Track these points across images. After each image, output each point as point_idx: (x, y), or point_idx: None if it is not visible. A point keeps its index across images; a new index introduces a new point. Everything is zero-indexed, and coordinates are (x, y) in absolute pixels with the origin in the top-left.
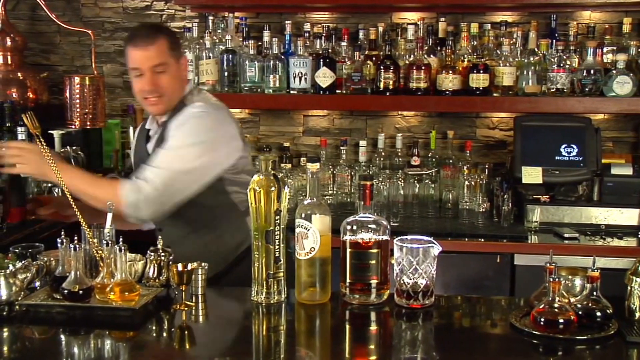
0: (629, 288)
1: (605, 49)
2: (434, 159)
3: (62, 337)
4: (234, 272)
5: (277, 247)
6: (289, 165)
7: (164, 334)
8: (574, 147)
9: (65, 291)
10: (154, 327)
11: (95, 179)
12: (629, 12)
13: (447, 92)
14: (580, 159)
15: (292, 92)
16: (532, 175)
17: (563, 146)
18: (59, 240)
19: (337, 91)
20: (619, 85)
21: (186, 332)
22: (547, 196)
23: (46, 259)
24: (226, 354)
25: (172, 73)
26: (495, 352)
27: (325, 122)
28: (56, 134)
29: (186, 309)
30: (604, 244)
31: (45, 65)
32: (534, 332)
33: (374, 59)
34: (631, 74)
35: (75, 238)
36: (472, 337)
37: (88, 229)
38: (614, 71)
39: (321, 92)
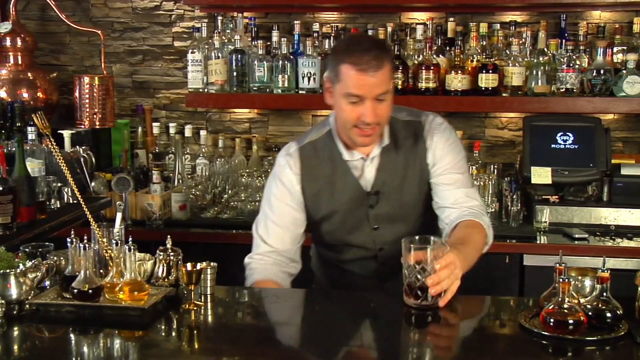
0: (639, 289)
1: (615, 49)
2: None
3: (72, 336)
4: None
5: None
6: None
7: (173, 334)
8: (584, 147)
9: (75, 290)
10: (163, 327)
11: (473, 245)
12: None
13: (456, 92)
14: (590, 159)
15: (300, 92)
16: (541, 175)
17: (572, 146)
18: (68, 240)
19: None
20: (629, 85)
21: (195, 332)
22: (557, 196)
23: (56, 258)
24: (235, 354)
25: (390, 98)
26: (504, 352)
27: None
28: (66, 133)
29: (195, 308)
30: (614, 244)
31: (55, 65)
32: (543, 332)
33: None
34: None
35: (85, 237)
36: (480, 337)
37: (98, 229)
38: (624, 71)
39: None
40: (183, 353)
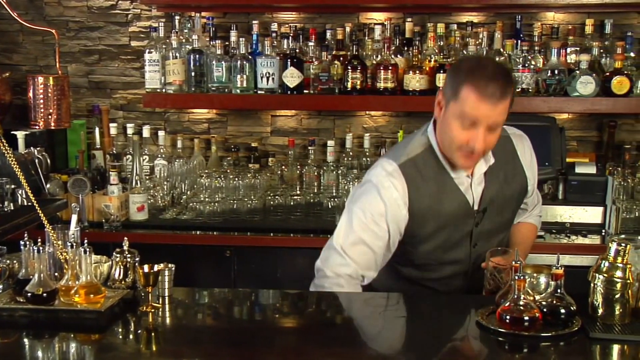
0: (592, 285)
1: (568, 50)
2: None
3: (26, 340)
4: None
5: None
6: (257, 166)
7: (131, 336)
8: (539, 146)
9: (29, 294)
10: (120, 329)
11: (529, 246)
12: (591, 14)
13: (414, 92)
14: (546, 158)
15: (259, 92)
16: None
17: None
18: (22, 243)
19: (305, 91)
20: (582, 85)
21: (153, 334)
22: None
23: (9, 262)
24: (194, 356)
25: (500, 128)
26: (461, 350)
27: (293, 122)
28: (19, 134)
29: (153, 310)
30: (569, 241)
31: (8, 64)
32: (499, 329)
33: (341, 59)
34: (594, 74)
35: (39, 240)
36: (437, 334)
37: (52, 231)
38: (577, 71)
39: (289, 92)
40: (141, 356)
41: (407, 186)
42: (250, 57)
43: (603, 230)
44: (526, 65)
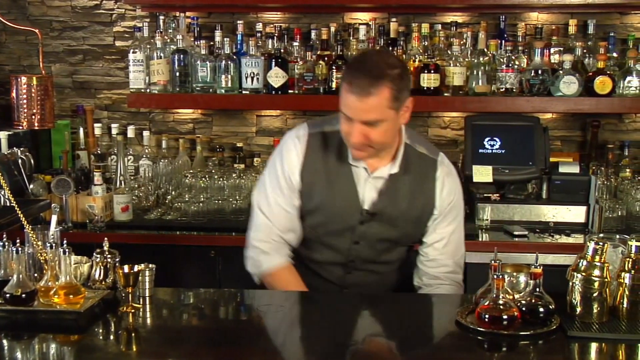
0: (570, 284)
1: (552, 50)
2: None
3: (4, 342)
4: None
5: None
6: (242, 166)
7: (111, 337)
8: (523, 146)
9: (7, 295)
10: (100, 330)
11: None
12: (574, 14)
13: None
14: (530, 157)
15: (244, 92)
16: (482, 173)
17: (512, 145)
18: (0, 243)
19: (290, 91)
20: (565, 85)
21: (133, 335)
22: (498, 194)
23: None
24: (174, 356)
25: (387, 125)
26: (440, 348)
27: (278, 122)
28: (2, 135)
29: (133, 310)
30: (553, 241)
31: None
32: (479, 328)
33: (326, 59)
34: (577, 74)
35: (18, 240)
36: (417, 333)
37: (32, 231)
38: (561, 71)
39: (273, 92)
40: (121, 356)
41: (305, 155)
42: (234, 57)
43: (586, 230)
44: (510, 65)
